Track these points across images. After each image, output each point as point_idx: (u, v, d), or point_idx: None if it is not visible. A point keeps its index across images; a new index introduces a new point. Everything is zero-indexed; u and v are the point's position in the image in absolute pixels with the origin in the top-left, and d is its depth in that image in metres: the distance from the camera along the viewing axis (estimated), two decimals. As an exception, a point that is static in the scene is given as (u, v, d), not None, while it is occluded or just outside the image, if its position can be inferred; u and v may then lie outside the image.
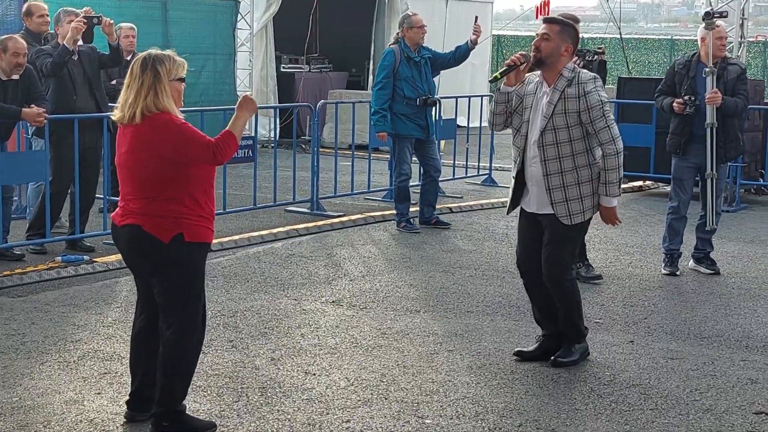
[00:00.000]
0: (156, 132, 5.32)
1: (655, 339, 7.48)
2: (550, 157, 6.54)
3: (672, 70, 9.63)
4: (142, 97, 5.33)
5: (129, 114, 5.36)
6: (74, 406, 5.89)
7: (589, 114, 6.50)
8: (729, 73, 9.37)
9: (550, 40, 6.55)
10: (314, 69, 20.49)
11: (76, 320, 7.60)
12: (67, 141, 9.56)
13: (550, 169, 6.56)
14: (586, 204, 6.63)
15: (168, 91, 5.38)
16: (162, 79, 5.36)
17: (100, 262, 9.33)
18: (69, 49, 9.45)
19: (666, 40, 40.24)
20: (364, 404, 6.02)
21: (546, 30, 6.58)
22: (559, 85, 6.54)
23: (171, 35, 16.22)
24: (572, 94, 6.51)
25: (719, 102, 9.15)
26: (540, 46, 6.56)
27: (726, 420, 5.91)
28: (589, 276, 9.16)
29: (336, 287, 8.74)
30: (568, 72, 6.57)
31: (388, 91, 11.04)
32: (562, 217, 6.58)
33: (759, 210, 13.34)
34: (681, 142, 9.43)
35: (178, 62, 5.48)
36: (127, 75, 5.45)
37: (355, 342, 7.22)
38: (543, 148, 6.55)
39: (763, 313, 8.25)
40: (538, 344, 6.90)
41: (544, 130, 6.54)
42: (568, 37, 6.59)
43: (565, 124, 6.51)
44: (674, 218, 9.56)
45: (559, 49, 6.55)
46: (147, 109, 5.33)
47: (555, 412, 5.97)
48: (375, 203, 13.08)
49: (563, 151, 6.53)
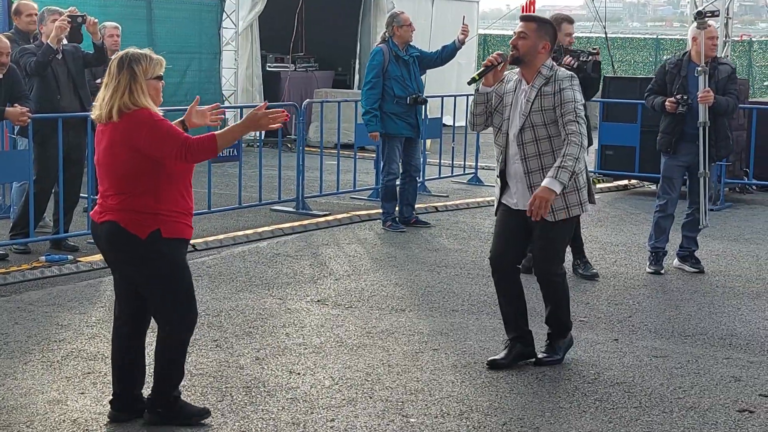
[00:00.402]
0: (133, 127, 5.34)
1: (640, 337, 7.49)
2: (530, 155, 6.54)
3: (663, 69, 9.65)
4: (118, 96, 5.35)
5: (106, 112, 5.37)
6: (57, 405, 5.87)
7: (561, 109, 6.48)
8: (720, 72, 9.39)
9: (528, 38, 6.54)
10: (300, 68, 20.48)
11: (59, 320, 7.58)
12: (51, 140, 9.53)
13: (530, 167, 6.55)
14: (571, 200, 6.61)
15: (145, 90, 5.39)
16: (138, 78, 5.38)
17: (84, 262, 9.32)
18: (53, 48, 9.43)
19: (651, 39, 40.33)
20: (349, 403, 6.02)
21: (523, 28, 6.57)
22: (537, 83, 6.54)
23: (156, 34, 16.20)
24: (549, 92, 6.51)
25: (711, 101, 9.18)
26: (517, 45, 6.55)
27: (710, 418, 5.92)
28: (586, 274, 9.20)
29: (321, 286, 8.74)
30: (546, 70, 6.56)
31: (378, 90, 11.04)
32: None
33: (743, 208, 13.38)
34: (672, 141, 9.43)
35: (154, 60, 5.49)
36: (106, 74, 5.46)
37: (340, 341, 7.22)
38: (522, 146, 6.55)
39: (747, 311, 8.28)
40: (508, 350, 6.79)
41: (522, 128, 6.53)
42: (545, 35, 6.58)
43: (543, 121, 6.50)
44: (661, 216, 9.58)
45: (537, 47, 6.53)
46: (125, 107, 5.34)
47: (539, 410, 5.98)
48: (360, 202, 13.08)
49: (543, 148, 6.52)
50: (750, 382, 6.55)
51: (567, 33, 9.32)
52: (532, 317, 7.71)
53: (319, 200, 12.77)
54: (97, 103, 5.46)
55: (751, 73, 33.14)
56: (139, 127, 5.32)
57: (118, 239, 5.42)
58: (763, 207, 13.53)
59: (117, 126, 5.37)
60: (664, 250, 9.62)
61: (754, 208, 13.48)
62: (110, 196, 5.44)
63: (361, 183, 13.44)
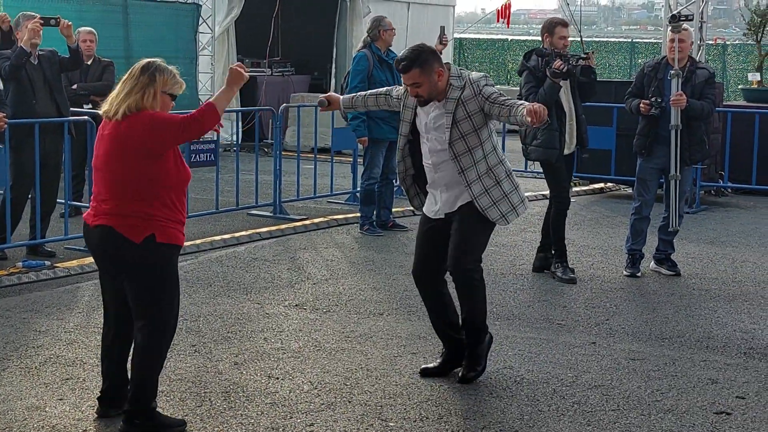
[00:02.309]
0: (132, 127, 5.36)
1: (617, 340, 7.53)
2: (467, 166, 6.42)
3: (642, 71, 9.72)
4: (131, 96, 5.38)
5: (114, 108, 5.40)
6: (36, 412, 5.85)
7: (488, 100, 6.37)
8: (697, 76, 9.44)
9: (422, 84, 6.39)
10: (276, 72, 20.47)
11: (37, 326, 7.55)
12: (27, 146, 9.50)
13: (469, 178, 6.43)
14: (514, 200, 6.53)
15: (157, 99, 5.42)
16: (155, 86, 5.41)
17: (62, 268, 9.29)
18: (26, 50, 9.39)
19: (626, 43, 40.47)
20: (328, 408, 6.02)
21: (411, 80, 6.39)
22: (453, 95, 6.42)
23: (132, 39, 16.18)
24: (469, 96, 6.40)
25: (684, 104, 9.22)
26: (418, 93, 6.42)
27: (687, 420, 5.95)
28: (564, 278, 9.23)
29: (299, 291, 8.74)
30: (456, 80, 6.45)
31: None
32: (497, 219, 6.48)
33: (719, 211, 13.46)
34: (646, 143, 9.50)
35: (177, 80, 5.53)
36: (128, 74, 5.49)
37: (319, 345, 7.22)
38: (457, 159, 6.42)
39: (723, 313, 8.32)
40: (442, 360, 6.73)
41: (452, 141, 6.41)
42: (431, 65, 6.38)
43: (472, 127, 6.41)
44: (637, 219, 9.63)
45: (433, 81, 6.38)
46: (128, 109, 5.37)
47: (518, 413, 6.00)
48: (338, 206, 13.09)
49: (476, 156, 6.44)
50: (727, 385, 6.58)
51: (561, 36, 9.30)
52: (510, 320, 7.76)
53: (296, 204, 12.77)
54: (109, 99, 5.49)
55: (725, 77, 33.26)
56: (138, 125, 5.35)
57: (112, 243, 5.43)
58: (738, 210, 13.61)
59: (118, 126, 5.38)
60: (641, 252, 9.66)
61: (730, 210, 13.55)
62: (105, 200, 5.45)
63: (338, 187, 13.45)
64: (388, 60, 11.15)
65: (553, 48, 9.22)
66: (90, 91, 11.83)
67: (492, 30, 49.29)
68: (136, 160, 5.36)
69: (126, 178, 5.38)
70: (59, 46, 10.05)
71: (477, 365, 6.61)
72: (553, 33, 9.29)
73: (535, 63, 9.22)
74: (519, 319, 8.02)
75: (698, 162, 9.62)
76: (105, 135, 5.47)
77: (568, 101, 9.30)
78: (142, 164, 5.37)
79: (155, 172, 5.39)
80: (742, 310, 8.46)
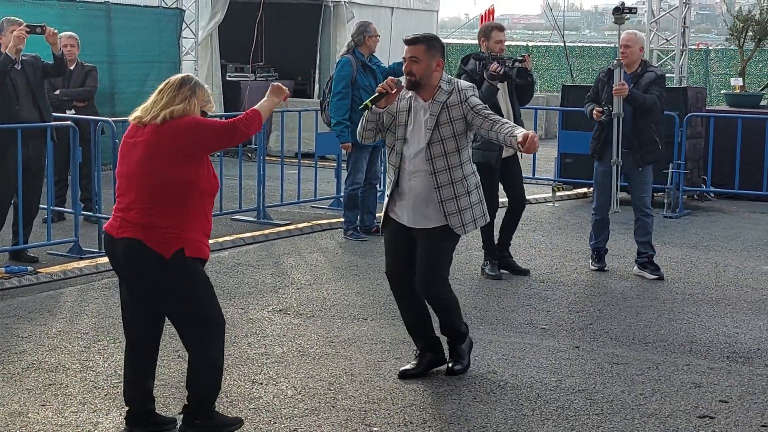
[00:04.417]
0: (176, 129, 5.34)
1: (601, 344, 7.54)
2: (440, 169, 6.49)
3: (598, 77, 10.06)
4: (173, 105, 5.38)
5: (153, 115, 5.37)
6: (18, 418, 5.83)
7: (473, 110, 6.48)
8: (644, 78, 9.68)
9: (420, 62, 6.48)
10: (260, 77, 20.43)
11: (20, 331, 7.53)
12: (10, 151, 9.47)
13: (440, 181, 6.49)
14: (476, 212, 6.61)
15: (197, 111, 5.45)
16: (196, 98, 5.45)
17: (44, 273, 9.26)
18: (11, 57, 9.38)
19: (609, 48, 40.54)
20: (312, 413, 6.02)
21: (413, 52, 6.50)
22: (440, 98, 6.51)
23: (115, 43, 16.11)
24: (455, 102, 6.50)
25: (625, 93, 9.45)
26: (412, 70, 6.49)
27: (670, 424, 5.97)
28: (491, 274, 9.50)
29: (283, 296, 8.73)
30: (446, 84, 6.55)
31: (348, 100, 11.02)
32: (456, 227, 6.53)
33: (701, 216, 13.49)
34: (598, 147, 9.84)
35: (210, 99, 5.59)
36: (163, 84, 5.50)
37: (302, 351, 7.21)
38: (432, 161, 6.48)
39: (706, 317, 8.35)
40: (418, 360, 6.79)
41: (430, 143, 6.47)
42: (436, 52, 6.52)
43: (452, 133, 6.48)
44: (597, 218, 10.01)
45: (431, 67, 6.50)
46: (176, 113, 5.36)
47: (502, 418, 6.00)
48: (322, 211, 13.08)
49: (452, 162, 6.50)
50: (710, 389, 6.60)
51: (497, 41, 9.56)
52: (493, 324, 7.76)
53: (280, 209, 12.76)
54: (142, 108, 5.45)
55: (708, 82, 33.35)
56: (182, 129, 5.34)
57: (141, 257, 5.35)
58: (721, 214, 13.65)
59: (159, 131, 5.34)
60: (605, 248, 10.06)
61: (713, 215, 13.59)
62: (134, 210, 5.36)
63: (322, 192, 13.44)
64: (372, 65, 11.16)
65: (490, 51, 9.49)
66: (73, 96, 11.80)
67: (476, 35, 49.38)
68: (177, 162, 5.32)
69: (164, 181, 5.31)
70: (41, 51, 10.02)
71: (462, 359, 6.79)
72: (489, 37, 9.57)
73: (472, 66, 9.49)
74: (503, 323, 8.02)
75: (650, 163, 9.82)
76: (140, 141, 5.39)
77: (505, 103, 9.54)
78: (182, 167, 5.33)
79: (193, 176, 5.36)
80: (725, 314, 8.48)
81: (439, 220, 6.54)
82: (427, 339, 6.79)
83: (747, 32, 16.87)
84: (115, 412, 5.96)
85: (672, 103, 14.00)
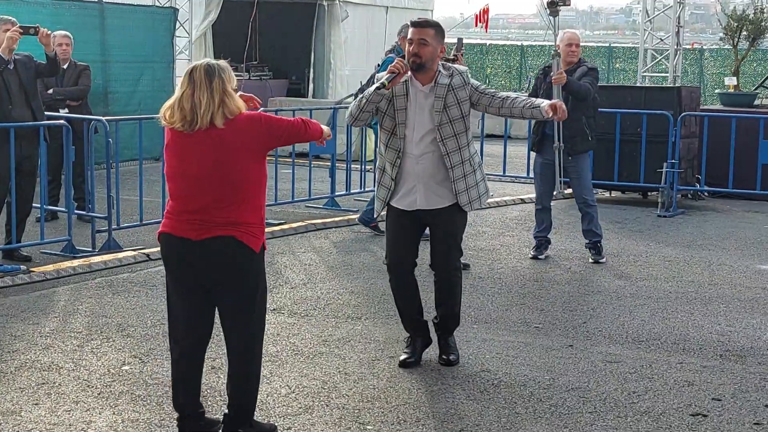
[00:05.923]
0: (242, 130, 5.24)
1: (594, 343, 7.55)
2: (451, 150, 6.67)
3: (537, 75, 10.56)
4: (220, 102, 5.19)
5: (206, 119, 5.17)
6: (11, 417, 5.82)
7: (477, 90, 6.73)
8: (576, 73, 10.11)
9: (428, 45, 6.60)
10: (254, 77, 20.46)
11: (12, 330, 7.52)
12: (3, 151, 9.45)
13: (453, 161, 6.68)
14: (481, 189, 6.84)
15: (236, 96, 5.30)
16: (230, 85, 5.25)
17: (38, 272, 9.24)
18: (4, 58, 9.37)
19: (604, 47, 40.63)
20: (306, 411, 6.02)
21: (423, 35, 6.60)
22: (442, 80, 6.65)
23: (109, 43, 16.10)
24: (458, 83, 6.68)
25: (564, 81, 9.83)
26: (419, 52, 6.58)
27: (663, 422, 5.97)
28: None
29: (277, 295, 8.72)
30: (443, 69, 6.72)
31: None
32: (464, 205, 6.72)
33: (695, 215, 13.51)
34: (536, 141, 10.40)
35: (233, 75, 5.36)
36: (185, 82, 5.25)
37: (296, 349, 7.21)
38: (443, 142, 6.64)
39: (699, 316, 8.36)
40: (411, 348, 6.95)
41: (440, 125, 6.62)
42: (442, 39, 6.71)
43: (460, 114, 6.67)
44: (538, 208, 10.53)
45: (436, 52, 6.64)
46: (230, 113, 5.20)
47: (495, 416, 6.00)
48: (316, 211, 13.07)
49: (461, 142, 6.69)
50: (703, 387, 6.61)
51: None
52: (488, 323, 7.76)
53: (274, 209, 12.75)
54: (181, 112, 5.22)
55: (702, 81, 33.44)
56: (251, 127, 5.27)
57: (235, 255, 5.27)
58: (714, 213, 13.67)
59: (221, 133, 5.19)
60: (546, 237, 10.53)
61: (706, 214, 13.61)
62: (214, 209, 5.24)
63: (316, 192, 13.44)
64: None
65: None
66: (66, 95, 11.78)
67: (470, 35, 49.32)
68: (252, 160, 5.28)
69: (245, 178, 5.26)
70: (34, 50, 10.01)
71: (456, 350, 6.99)
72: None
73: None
74: (497, 322, 8.03)
75: (581, 153, 10.28)
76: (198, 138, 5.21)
77: None
78: (257, 164, 5.31)
79: (264, 171, 5.36)
80: (718, 312, 8.49)
81: (451, 199, 6.73)
82: (416, 322, 6.97)
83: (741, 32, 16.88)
84: (108, 411, 5.96)
85: (666, 103, 14.05)
